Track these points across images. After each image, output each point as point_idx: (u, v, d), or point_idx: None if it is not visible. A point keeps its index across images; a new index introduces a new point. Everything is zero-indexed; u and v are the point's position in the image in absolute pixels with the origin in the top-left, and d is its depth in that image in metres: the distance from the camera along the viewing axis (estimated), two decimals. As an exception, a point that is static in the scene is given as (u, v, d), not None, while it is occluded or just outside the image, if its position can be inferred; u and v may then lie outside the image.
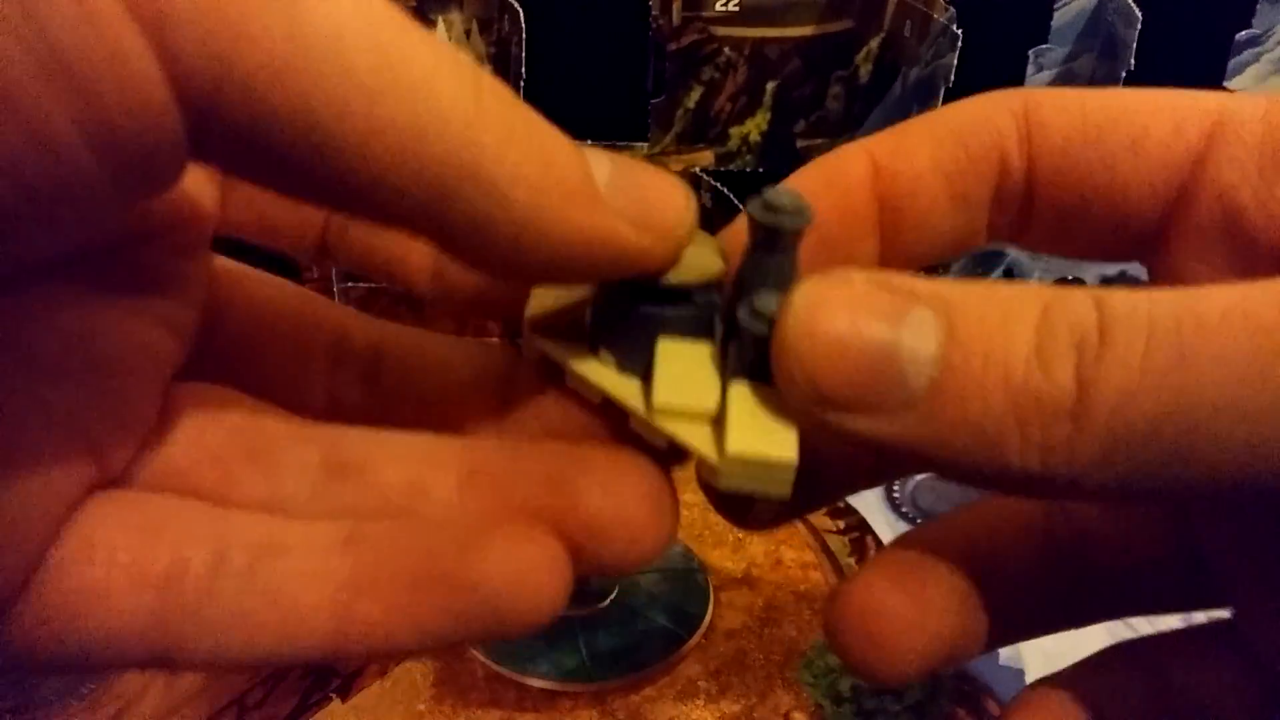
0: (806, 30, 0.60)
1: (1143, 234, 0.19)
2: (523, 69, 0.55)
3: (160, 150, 0.13)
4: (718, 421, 0.16)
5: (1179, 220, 0.19)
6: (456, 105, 0.14)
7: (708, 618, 0.44)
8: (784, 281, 0.16)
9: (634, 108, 0.61)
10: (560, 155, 0.15)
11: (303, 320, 0.20)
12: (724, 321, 0.17)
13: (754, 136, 0.62)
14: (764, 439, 0.16)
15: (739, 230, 0.18)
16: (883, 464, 0.21)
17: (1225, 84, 0.59)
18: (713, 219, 0.24)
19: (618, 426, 0.18)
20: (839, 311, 0.15)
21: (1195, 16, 0.58)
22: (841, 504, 0.52)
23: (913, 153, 0.19)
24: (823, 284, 0.16)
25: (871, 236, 0.20)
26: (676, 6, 0.59)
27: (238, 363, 0.19)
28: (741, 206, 0.60)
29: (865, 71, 0.60)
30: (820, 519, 0.51)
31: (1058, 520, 0.22)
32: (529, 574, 0.16)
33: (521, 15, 0.54)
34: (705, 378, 0.17)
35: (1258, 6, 0.58)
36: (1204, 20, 0.58)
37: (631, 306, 0.17)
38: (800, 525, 0.51)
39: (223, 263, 0.20)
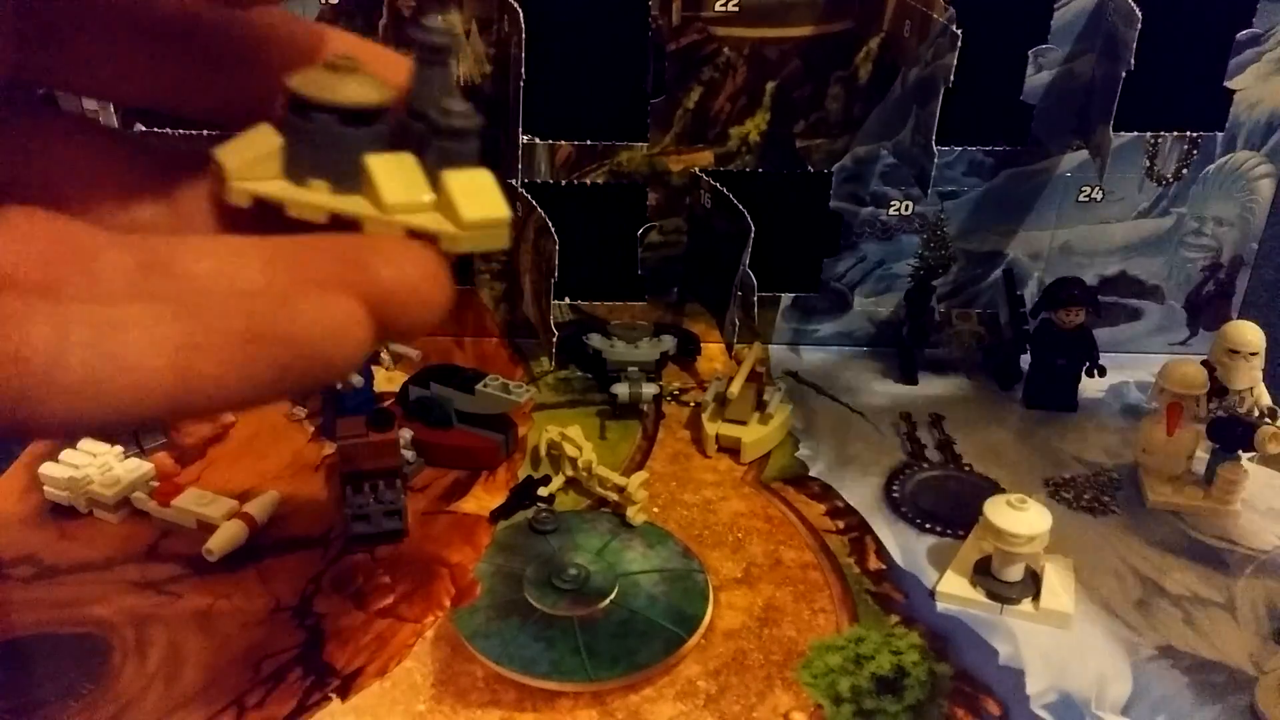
0: (806, 30, 0.60)
1: None
2: (523, 69, 0.55)
3: None
4: (440, 206, 0.20)
5: None
6: None
7: (707, 618, 0.44)
8: (447, 88, 0.20)
9: (634, 108, 0.61)
10: None
11: (95, 144, 0.22)
12: (415, 130, 0.21)
13: (753, 136, 0.62)
14: (484, 206, 0.20)
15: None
16: None
17: (1225, 84, 0.59)
18: (713, 219, 0.24)
19: None
20: None
21: (1195, 16, 0.58)
22: (841, 504, 0.52)
23: None
24: None
25: None
26: (676, 6, 0.59)
27: (38, 184, 0.21)
28: (741, 207, 0.60)
29: (865, 71, 0.60)
30: (820, 519, 0.51)
31: None
32: (336, 326, 0.19)
33: (521, 15, 0.54)
34: (417, 176, 0.20)
35: (1258, 6, 0.58)
36: (1204, 20, 0.58)
37: (334, 133, 0.20)
38: (800, 525, 0.51)
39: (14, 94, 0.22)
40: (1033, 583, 0.45)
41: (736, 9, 0.59)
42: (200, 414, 0.19)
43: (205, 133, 0.66)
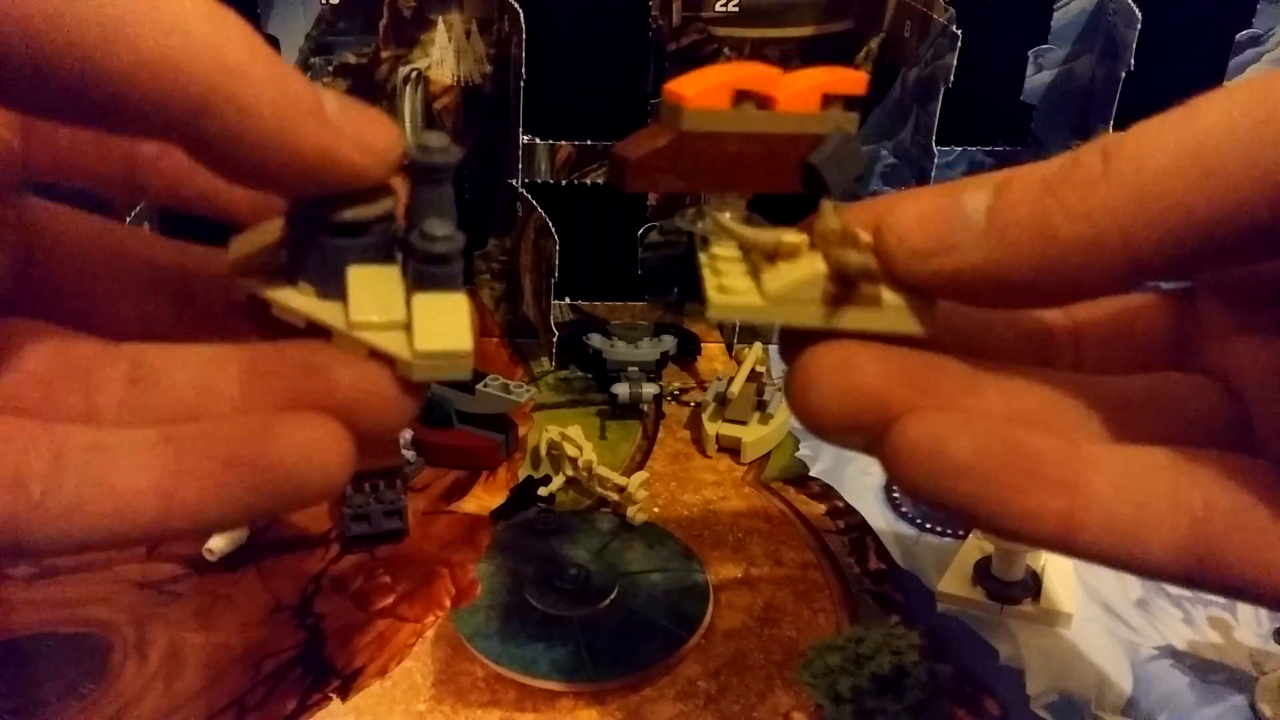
0: (806, 30, 0.60)
1: None
2: (523, 69, 0.55)
3: None
4: (408, 328, 0.20)
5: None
6: (207, 40, 0.17)
7: (707, 618, 0.44)
8: (445, 209, 0.20)
9: (634, 108, 0.61)
10: (295, 83, 0.18)
11: (114, 250, 0.23)
12: (402, 247, 0.21)
13: (754, 136, 0.61)
14: (444, 336, 0.19)
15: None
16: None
17: (1225, 84, 0.59)
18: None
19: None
20: (913, 201, 0.21)
21: (1195, 16, 0.58)
22: (841, 503, 0.52)
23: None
24: (898, 194, 0.21)
25: None
26: (676, 7, 0.59)
27: (55, 295, 0.22)
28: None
29: (865, 72, 0.60)
30: (820, 519, 0.51)
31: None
32: (316, 450, 0.19)
33: (521, 15, 0.54)
34: (392, 293, 0.20)
35: (1258, 6, 0.58)
36: (1204, 20, 0.58)
37: (322, 242, 0.20)
38: (800, 525, 0.51)
39: (35, 203, 0.22)
40: (1033, 583, 0.45)
41: (736, 9, 0.59)
42: (180, 536, 0.20)
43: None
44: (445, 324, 0.20)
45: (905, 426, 0.20)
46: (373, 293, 0.20)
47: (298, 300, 0.21)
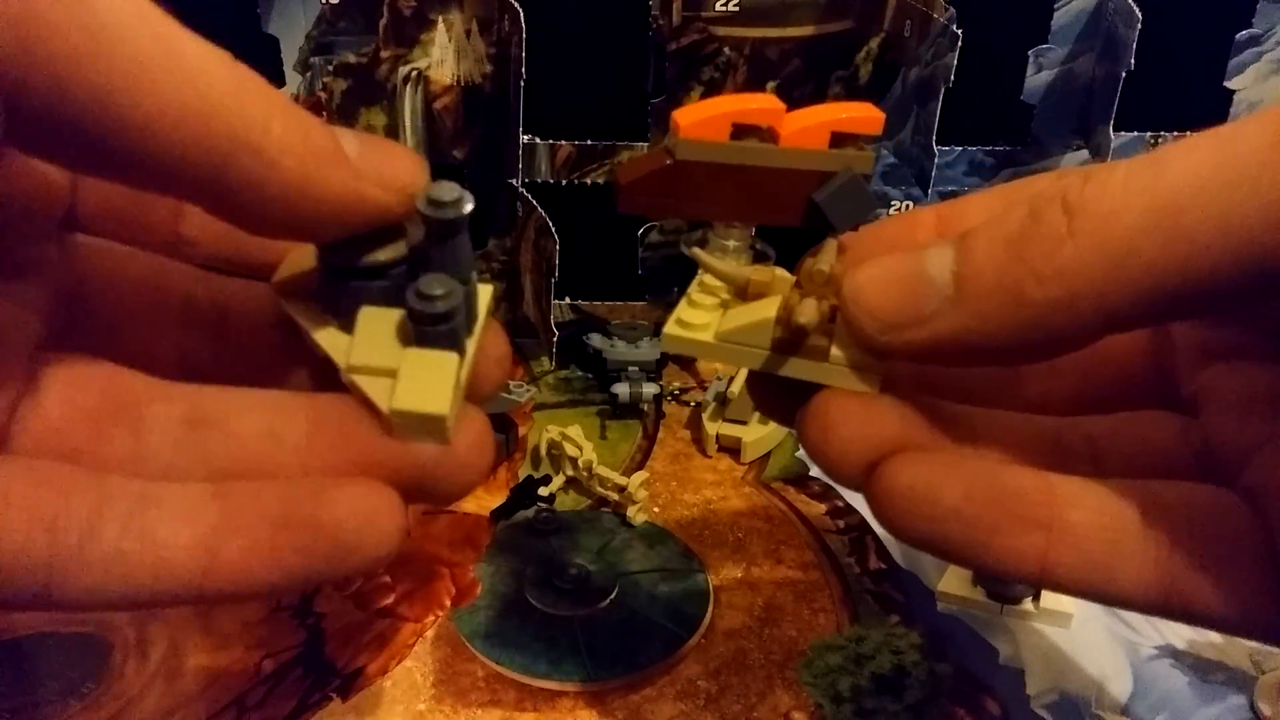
0: (806, 30, 0.60)
1: None
2: (523, 69, 0.55)
3: None
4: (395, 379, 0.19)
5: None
6: (228, 92, 0.16)
7: (708, 618, 0.44)
8: (455, 262, 0.19)
9: (634, 108, 0.61)
10: (315, 130, 0.18)
11: (155, 284, 0.23)
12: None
13: (754, 136, 0.61)
14: (423, 396, 0.19)
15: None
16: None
17: (1225, 84, 0.59)
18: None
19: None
20: (874, 266, 0.20)
21: (1195, 16, 0.58)
22: (841, 503, 0.52)
23: (968, 207, 0.24)
24: (862, 262, 0.21)
25: None
26: (676, 6, 0.59)
27: (98, 329, 0.22)
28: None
29: (865, 72, 0.60)
30: (820, 519, 0.51)
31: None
32: (371, 517, 0.18)
33: (521, 15, 0.54)
34: (395, 342, 0.20)
35: (1258, 6, 0.58)
36: (1204, 20, 0.58)
37: (341, 281, 0.20)
38: (800, 525, 0.51)
39: (81, 238, 0.22)
40: (1033, 583, 0.45)
41: (737, 9, 0.59)
42: (220, 600, 0.19)
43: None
44: (428, 383, 0.19)
45: (897, 470, 0.20)
46: (375, 338, 0.20)
47: (320, 332, 0.20)
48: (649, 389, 0.58)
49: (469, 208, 0.20)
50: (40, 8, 0.14)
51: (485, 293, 0.21)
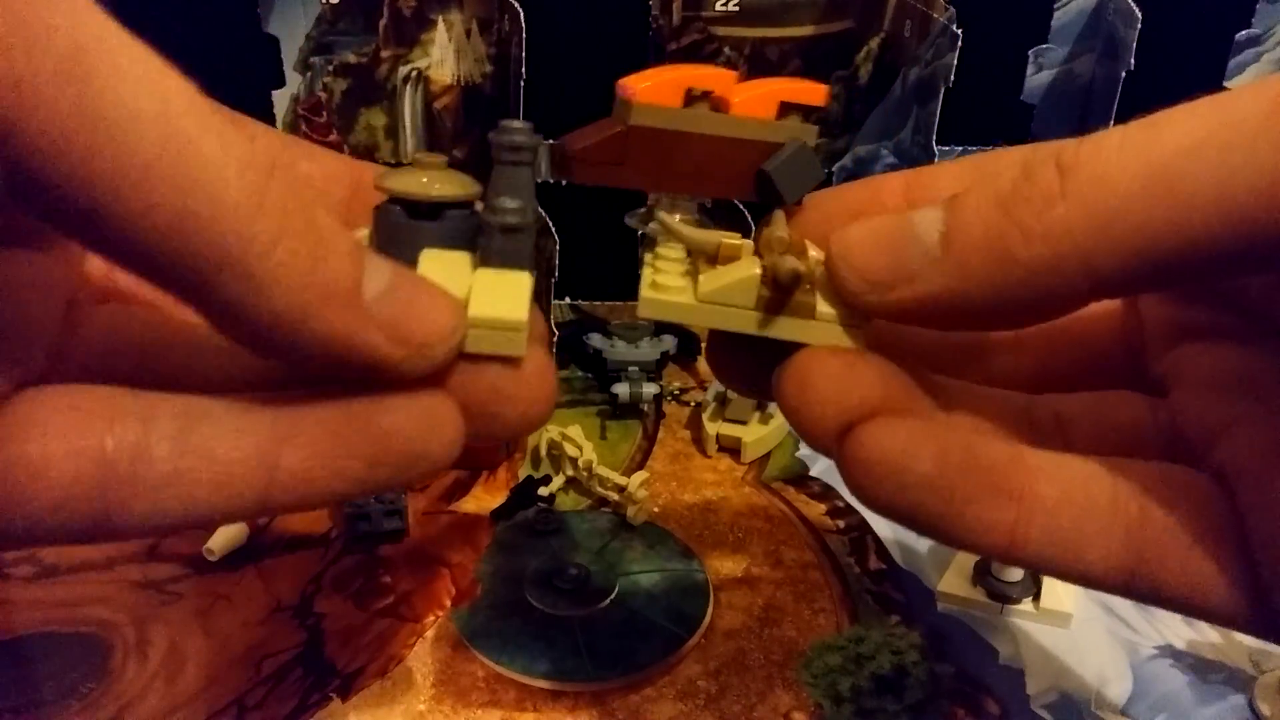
0: (806, 30, 0.60)
1: None
2: (523, 69, 0.55)
3: None
4: (466, 304, 0.19)
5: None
6: (236, 197, 0.15)
7: (707, 618, 0.44)
8: (523, 190, 0.20)
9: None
10: (332, 259, 0.16)
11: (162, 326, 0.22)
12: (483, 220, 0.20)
13: (754, 136, 0.61)
14: (499, 305, 0.19)
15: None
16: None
17: (1225, 84, 0.59)
18: (714, 219, 0.25)
19: None
20: (862, 226, 0.20)
21: (1195, 16, 0.58)
22: (841, 503, 0.52)
23: (938, 175, 0.23)
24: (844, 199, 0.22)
25: None
26: (676, 6, 0.59)
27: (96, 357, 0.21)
28: (742, 206, 0.60)
29: (865, 72, 0.60)
30: (820, 519, 0.51)
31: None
32: (432, 422, 0.18)
33: (521, 15, 0.54)
34: (459, 274, 0.20)
35: (1258, 6, 0.58)
36: (1204, 20, 0.58)
37: (400, 226, 0.20)
38: (800, 525, 0.51)
39: (93, 262, 0.22)
40: (1033, 582, 0.45)
41: (736, 9, 0.59)
42: (284, 511, 0.18)
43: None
44: (502, 295, 0.19)
45: (872, 435, 0.20)
46: (440, 271, 0.19)
47: None
48: (649, 389, 0.58)
49: (538, 139, 0.20)
50: (35, 80, 0.14)
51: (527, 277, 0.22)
